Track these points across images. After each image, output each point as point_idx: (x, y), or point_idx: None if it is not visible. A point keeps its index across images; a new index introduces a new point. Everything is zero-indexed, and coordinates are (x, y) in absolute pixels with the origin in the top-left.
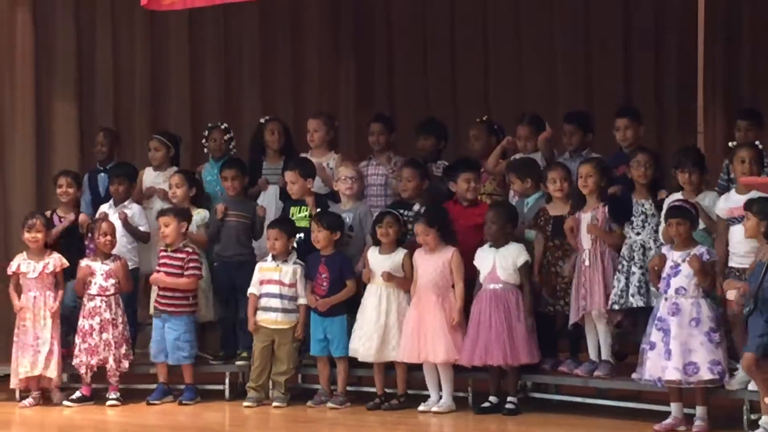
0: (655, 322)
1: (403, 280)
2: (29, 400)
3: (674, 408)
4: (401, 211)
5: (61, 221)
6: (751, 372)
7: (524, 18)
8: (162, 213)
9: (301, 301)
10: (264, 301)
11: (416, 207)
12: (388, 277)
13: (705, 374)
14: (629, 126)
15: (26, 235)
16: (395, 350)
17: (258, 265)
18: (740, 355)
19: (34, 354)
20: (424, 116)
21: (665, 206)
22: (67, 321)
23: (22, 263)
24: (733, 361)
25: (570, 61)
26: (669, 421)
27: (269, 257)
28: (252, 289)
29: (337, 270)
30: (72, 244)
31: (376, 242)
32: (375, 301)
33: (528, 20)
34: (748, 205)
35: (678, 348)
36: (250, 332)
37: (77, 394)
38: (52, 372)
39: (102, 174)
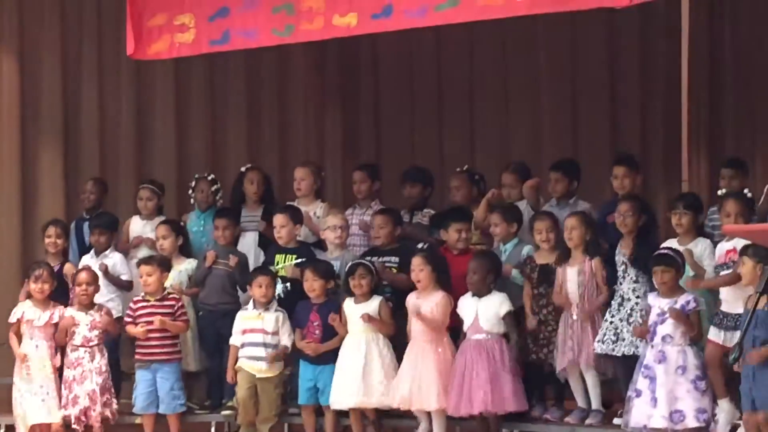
0: (642, 370)
1: (384, 324)
2: None
3: None
4: (377, 258)
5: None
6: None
7: (510, 69)
8: (145, 262)
9: (285, 341)
10: (247, 350)
11: (420, 245)
12: (368, 318)
13: (691, 422)
14: (627, 174)
15: (33, 286)
16: (382, 396)
17: (239, 314)
18: (719, 397)
19: (43, 402)
20: (410, 165)
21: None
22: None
23: (27, 311)
24: (714, 404)
25: (556, 113)
26: None
27: (250, 305)
28: (234, 341)
29: (329, 317)
30: (59, 293)
31: (350, 293)
32: (353, 348)
33: (514, 73)
34: (743, 250)
35: (664, 396)
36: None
37: None
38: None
39: (87, 223)
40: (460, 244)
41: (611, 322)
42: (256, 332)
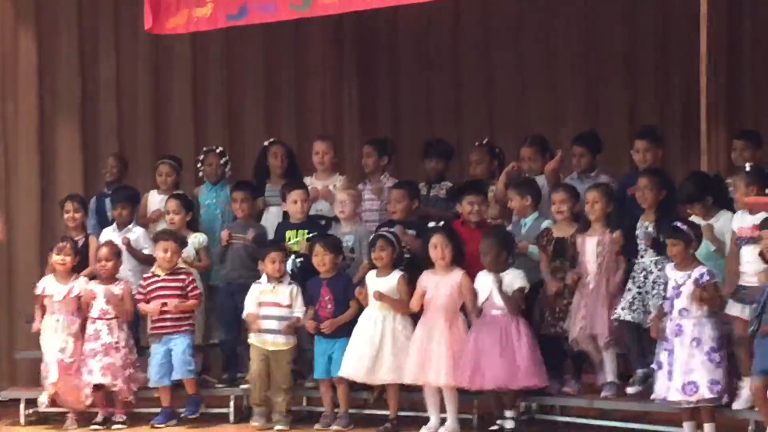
0: (662, 343)
1: (397, 302)
2: (69, 422)
3: (686, 427)
4: (404, 228)
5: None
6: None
7: (527, 41)
8: (163, 238)
9: (297, 313)
10: (262, 324)
11: (431, 224)
12: (379, 296)
13: (705, 393)
14: (648, 148)
15: (55, 258)
16: (387, 373)
17: (254, 287)
18: (743, 374)
19: (64, 373)
20: (426, 138)
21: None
22: None
23: (48, 286)
24: (737, 380)
25: (574, 85)
26: None
27: (264, 279)
28: (249, 309)
29: (341, 292)
30: (81, 267)
31: (374, 266)
32: (369, 322)
33: (532, 44)
34: (764, 225)
35: (679, 369)
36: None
37: (98, 417)
38: (71, 396)
39: (110, 198)
40: (473, 216)
41: (638, 292)
42: (271, 305)
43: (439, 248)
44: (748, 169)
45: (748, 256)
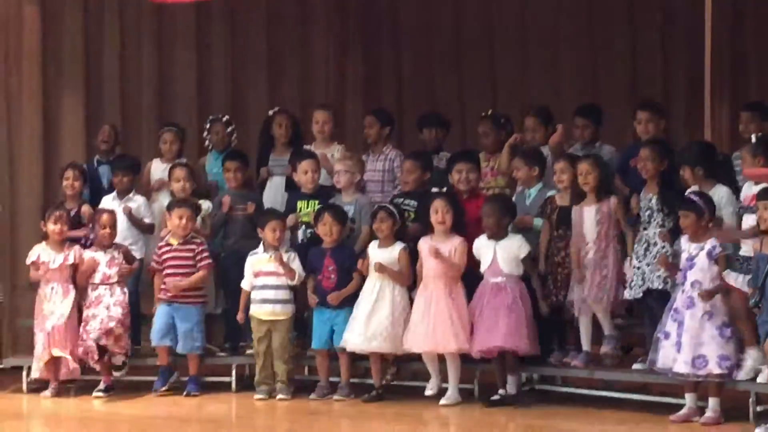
0: (671, 313)
1: (397, 274)
2: (50, 390)
3: (689, 399)
4: (401, 200)
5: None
6: None
7: (530, 13)
8: (178, 205)
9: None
10: (260, 293)
11: (434, 189)
12: (380, 267)
13: (714, 368)
14: (650, 119)
15: (51, 226)
16: (384, 342)
17: (250, 258)
18: (746, 345)
19: (53, 343)
20: (430, 107)
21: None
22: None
23: (42, 253)
24: (741, 353)
25: (577, 56)
26: (684, 411)
27: (260, 249)
28: (245, 284)
29: (344, 262)
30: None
31: (375, 236)
32: (368, 292)
33: (534, 15)
34: (764, 195)
35: (689, 341)
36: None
37: (102, 385)
38: (66, 364)
39: (104, 166)
40: (462, 185)
41: (638, 268)
42: (269, 275)
43: (440, 213)
44: (754, 140)
45: (749, 224)
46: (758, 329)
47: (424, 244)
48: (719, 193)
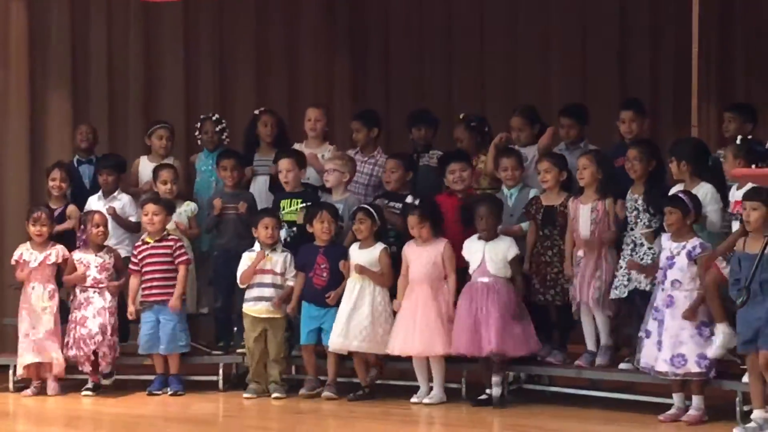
0: (652, 312)
1: (377, 275)
2: (31, 389)
3: (676, 399)
4: (387, 202)
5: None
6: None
7: (520, 13)
8: (153, 201)
9: (290, 282)
10: (256, 291)
11: (409, 199)
12: (360, 269)
13: (692, 367)
14: (634, 119)
15: (31, 229)
16: (363, 342)
17: (246, 255)
18: (716, 321)
19: (33, 344)
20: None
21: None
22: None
23: (24, 252)
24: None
25: (565, 55)
26: (672, 411)
27: (256, 247)
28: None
29: (337, 260)
30: (64, 236)
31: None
32: (349, 293)
33: (524, 15)
34: (752, 195)
35: (668, 340)
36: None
37: (90, 384)
38: (50, 363)
39: (84, 165)
40: (457, 185)
41: (625, 268)
42: (265, 273)
43: (415, 229)
44: (738, 142)
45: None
46: (737, 323)
47: (409, 250)
48: (704, 190)
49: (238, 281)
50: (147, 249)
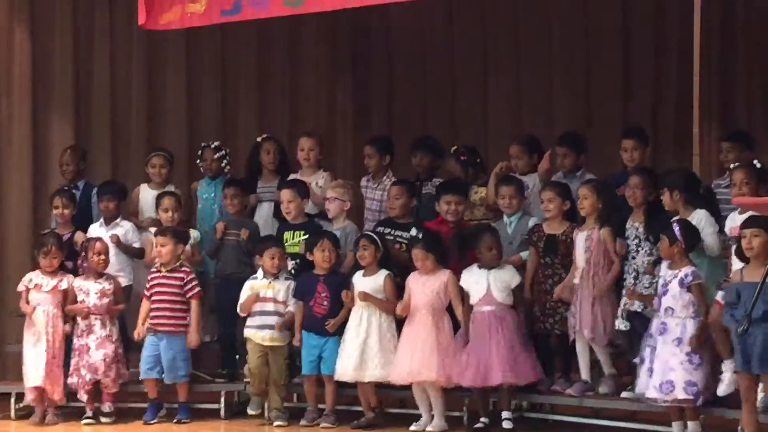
0: (647, 339)
1: (382, 302)
2: (36, 417)
3: (675, 427)
4: (389, 230)
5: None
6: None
7: (523, 40)
8: (160, 233)
9: (291, 308)
10: (258, 319)
11: (413, 231)
12: (364, 296)
13: (680, 394)
14: (636, 147)
15: (42, 261)
16: (376, 370)
17: (248, 283)
18: (723, 357)
19: (38, 369)
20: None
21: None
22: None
23: (35, 278)
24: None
25: (569, 84)
26: None
27: (260, 274)
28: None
29: (337, 288)
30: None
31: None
32: (356, 321)
33: (526, 43)
34: (751, 223)
35: (659, 367)
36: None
37: (88, 412)
38: (54, 389)
39: (74, 192)
40: (449, 216)
41: (625, 296)
42: (267, 301)
43: (419, 262)
44: (732, 166)
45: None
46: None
47: (412, 279)
48: (698, 216)
49: (238, 310)
50: (159, 278)
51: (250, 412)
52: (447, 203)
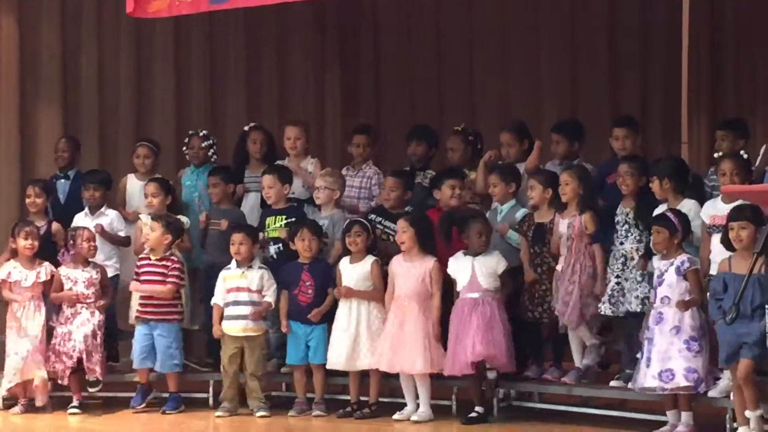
0: (645, 331)
1: (366, 293)
2: (19, 407)
3: (670, 416)
4: (380, 220)
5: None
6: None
7: (510, 30)
8: (155, 218)
9: (268, 298)
10: (232, 309)
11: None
12: (347, 292)
13: (681, 381)
14: (628, 136)
15: (22, 243)
16: (366, 359)
17: (222, 274)
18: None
19: (21, 361)
20: (409, 125)
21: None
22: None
23: (12, 271)
24: (716, 369)
25: (556, 72)
26: (666, 428)
27: (233, 264)
28: (217, 299)
29: (321, 277)
30: (45, 254)
31: (347, 251)
32: (345, 310)
33: (514, 32)
34: (737, 215)
35: (657, 356)
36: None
37: (75, 402)
38: (38, 379)
39: (62, 180)
40: (454, 201)
41: (617, 283)
42: (241, 291)
43: (399, 233)
44: (716, 155)
45: (719, 245)
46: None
47: (396, 264)
48: (687, 206)
49: (214, 300)
50: (147, 265)
51: (217, 413)
52: (451, 187)
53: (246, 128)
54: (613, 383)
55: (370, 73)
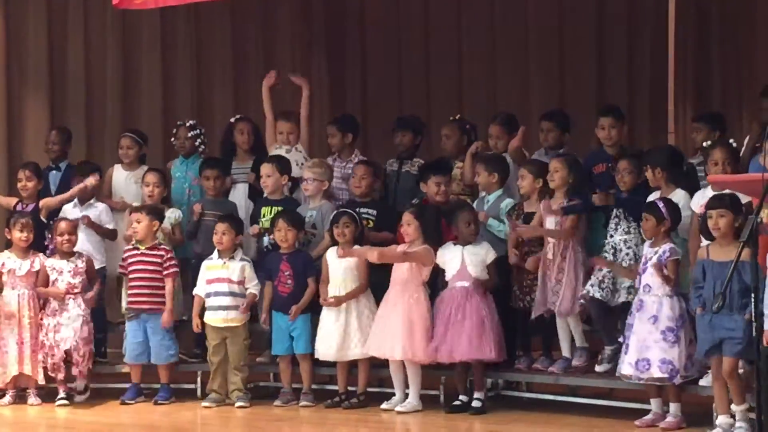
0: (629, 318)
1: (353, 293)
2: (8, 399)
3: (654, 404)
4: (359, 208)
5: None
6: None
7: (498, 18)
8: (135, 209)
9: (252, 289)
10: (213, 300)
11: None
12: (337, 301)
13: (655, 372)
14: (614, 125)
15: (17, 235)
16: (357, 348)
17: (204, 264)
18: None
19: (14, 353)
20: (396, 115)
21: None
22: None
23: (7, 261)
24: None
25: (543, 62)
26: (649, 417)
27: (215, 255)
28: (198, 291)
29: (300, 267)
30: (33, 242)
31: (335, 242)
32: (334, 309)
33: (501, 20)
34: (716, 203)
35: (635, 344)
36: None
37: (62, 393)
38: (32, 372)
39: (54, 171)
40: (439, 197)
41: (609, 270)
42: (222, 281)
43: (404, 225)
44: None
45: None
46: (697, 329)
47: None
48: (678, 196)
49: (195, 290)
50: (136, 255)
51: (204, 404)
52: (437, 184)
53: (232, 120)
54: (598, 368)
55: (357, 64)
